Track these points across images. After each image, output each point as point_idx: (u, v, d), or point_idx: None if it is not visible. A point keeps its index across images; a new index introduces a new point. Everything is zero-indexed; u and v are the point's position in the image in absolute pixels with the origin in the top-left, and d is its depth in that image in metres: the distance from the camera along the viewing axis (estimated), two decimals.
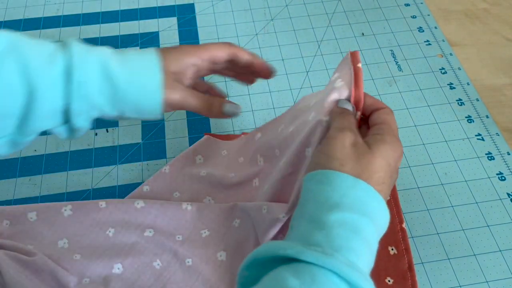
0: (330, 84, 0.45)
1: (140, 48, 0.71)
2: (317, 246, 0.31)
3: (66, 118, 0.42)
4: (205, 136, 0.60)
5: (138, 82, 0.43)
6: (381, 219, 0.35)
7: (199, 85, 0.53)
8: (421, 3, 0.78)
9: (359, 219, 0.33)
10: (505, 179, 0.58)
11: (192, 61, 0.47)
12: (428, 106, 0.65)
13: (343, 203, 0.33)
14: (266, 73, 0.50)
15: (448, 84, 0.68)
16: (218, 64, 0.49)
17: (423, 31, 0.74)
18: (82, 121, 0.42)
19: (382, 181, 0.36)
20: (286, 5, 0.78)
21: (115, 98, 0.43)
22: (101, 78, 0.42)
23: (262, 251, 0.32)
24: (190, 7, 0.77)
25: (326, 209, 0.33)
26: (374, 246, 0.34)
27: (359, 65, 0.43)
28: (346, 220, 0.32)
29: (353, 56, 0.44)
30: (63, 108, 0.41)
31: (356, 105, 0.42)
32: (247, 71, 0.51)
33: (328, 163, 0.36)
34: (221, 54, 0.48)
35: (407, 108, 0.65)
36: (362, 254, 0.32)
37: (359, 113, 0.42)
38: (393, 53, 0.71)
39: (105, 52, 0.43)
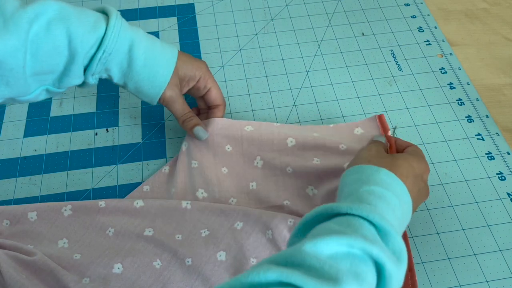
0: (349, 127, 0.59)
1: None
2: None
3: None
4: None
5: (151, 72, 0.52)
6: (405, 201, 0.41)
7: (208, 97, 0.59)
8: (421, 3, 0.78)
9: (383, 191, 0.39)
10: (505, 179, 0.58)
11: (197, 77, 0.56)
12: (428, 106, 0.65)
13: (370, 180, 0.40)
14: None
15: (448, 84, 0.68)
16: (205, 97, 0.58)
17: (423, 31, 0.74)
18: (93, 79, 0.50)
19: (405, 175, 0.43)
20: (286, 5, 0.78)
21: (127, 73, 0.51)
22: (124, 54, 0.50)
23: (310, 214, 0.38)
24: (190, 7, 0.77)
25: (356, 187, 0.40)
26: (400, 219, 0.40)
27: (390, 133, 0.57)
28: (373, 190, 0.39)
29: (381, 122, 0.58)
30: (86, 67, 0.49)
31: None
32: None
33: (358, 162, 0.45)
34: (214, 97, 0.58)
35: (407, 108, 0.65)
36: (387, 215, 0.38)
37: None
38: (393, 53, 0.71)
39: (138, 34, 0.51)
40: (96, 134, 0.62)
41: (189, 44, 0.72)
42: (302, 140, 0.57)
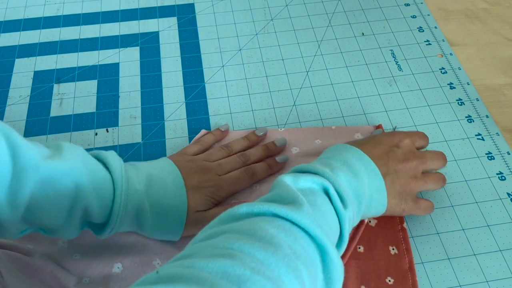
0: (350, 131, 0.61)
1: (140, 48, 0.72)
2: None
3: None
4: (202, 131, 0.61)
5: (164, 229, 0.49)
6: (362, 161, 0.48)
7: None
8: (421, 3, 0.78)
9: (330, 157, 0.48)
10: (505, 179, 0.58)
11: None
12: (428, 106, 0.65)
13: (328, 153, 0.50)
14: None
15: (448, 84, 0.68)
16: None
17: (423, 31, 0.74)
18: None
19: (364, 143, 0.51)
20: (286, 5, 0.78)
21: (139, 230, 0.49)
22: (132, 223, 0.48)
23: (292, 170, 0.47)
24: (190, 7, 0.77)
25: (323, 159, 0.49)
26: (352, 174, 0.46)
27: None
28: (321, 158, 0.49)
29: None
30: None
31: None
32: None
33: None
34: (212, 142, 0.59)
35: (407, 108, 0.65)
36: (325, 169, 0.45)
37: None
38: (393, 53, 0.71)
39: (140, 197, 0.47)
40: (96, 134, 0.62)
41: (189, 44, 0.72)
42: (305, 148, 0.60)
